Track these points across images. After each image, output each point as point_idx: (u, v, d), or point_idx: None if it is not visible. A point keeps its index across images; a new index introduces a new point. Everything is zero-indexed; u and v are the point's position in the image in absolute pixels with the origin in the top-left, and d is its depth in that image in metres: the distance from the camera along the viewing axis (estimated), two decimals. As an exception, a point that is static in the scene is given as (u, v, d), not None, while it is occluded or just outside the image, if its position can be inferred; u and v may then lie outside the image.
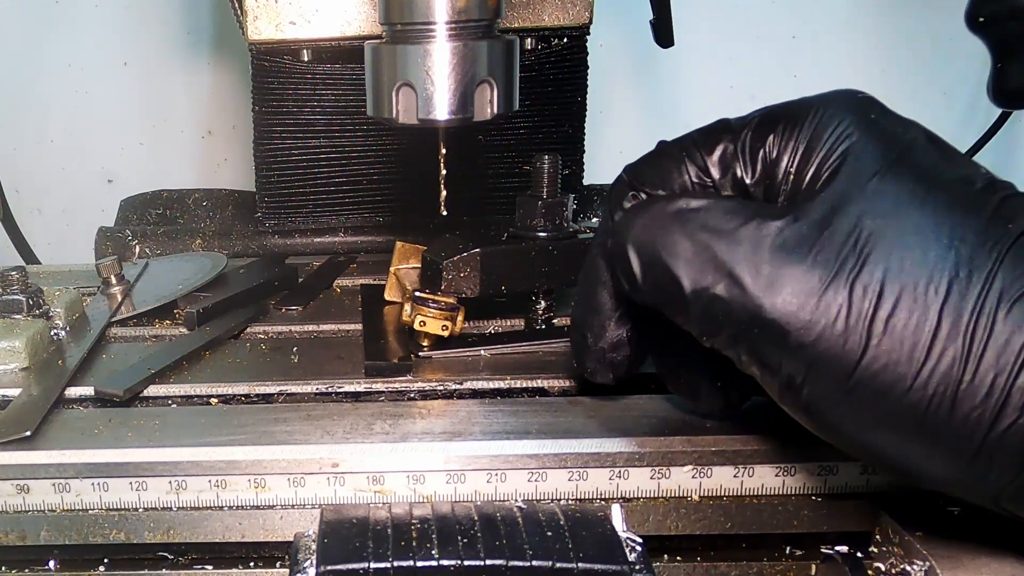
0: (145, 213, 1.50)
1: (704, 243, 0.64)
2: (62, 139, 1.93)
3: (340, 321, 1.06)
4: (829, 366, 0.61)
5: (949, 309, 0.58)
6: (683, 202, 0.66)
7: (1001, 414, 0.57)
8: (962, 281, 0.58)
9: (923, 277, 0.59)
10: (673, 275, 0.65)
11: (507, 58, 0.86)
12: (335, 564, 0.66)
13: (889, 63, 1.81)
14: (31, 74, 1.89)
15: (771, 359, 0.63)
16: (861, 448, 0.64)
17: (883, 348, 0.59)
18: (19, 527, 0.77)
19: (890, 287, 0.59)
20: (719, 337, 0.65)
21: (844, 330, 0.60)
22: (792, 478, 0.77)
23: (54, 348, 0.97)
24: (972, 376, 0.58)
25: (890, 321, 0.59)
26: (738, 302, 0.62)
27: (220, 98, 1.90)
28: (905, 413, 0.60)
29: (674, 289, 0.65)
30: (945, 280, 0.58)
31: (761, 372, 0.65)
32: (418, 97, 0.84)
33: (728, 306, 0.63)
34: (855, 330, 0.59)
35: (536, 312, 1.01)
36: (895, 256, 0.59)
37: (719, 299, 0.63)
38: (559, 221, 0.98)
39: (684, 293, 0.64)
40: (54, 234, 1.94)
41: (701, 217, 0.65)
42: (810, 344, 0.60)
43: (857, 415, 0.61)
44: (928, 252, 0.59)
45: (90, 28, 1.86)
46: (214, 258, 1.22)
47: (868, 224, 0.61)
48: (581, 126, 1.35)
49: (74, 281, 1.17)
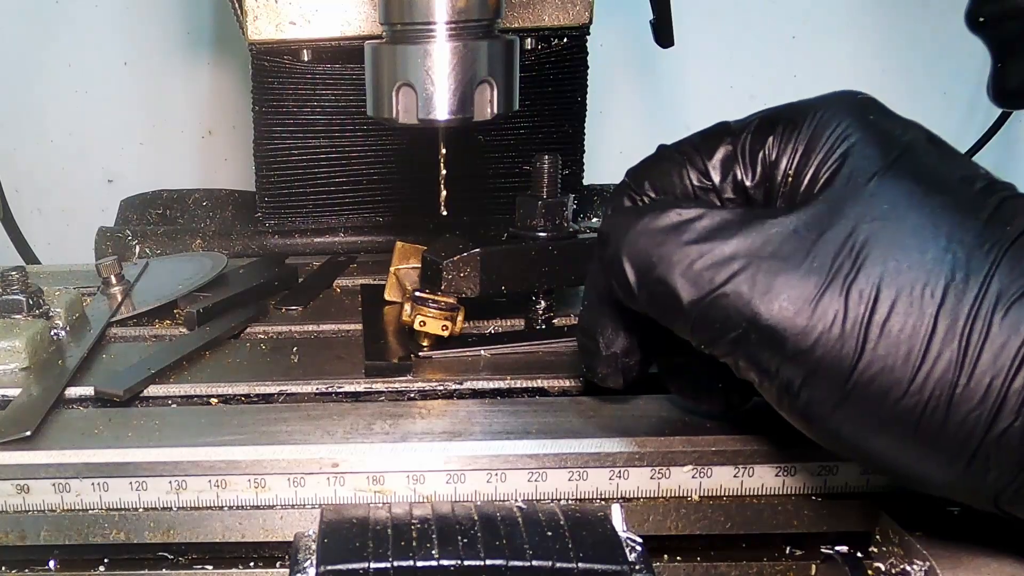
0: (145, 213, 1.50)
1: (699, 253, 0.64)
2: (62, 139, 1.94)
3: (340, 321, 1.06)
4: (826, 371, 0.60)
5: (945, 312, 0.58)
6: (675, 213, 0.66)
7: (998, 417, 0.57)
8: (959, 284, 0.58)
9: (920, 280, 0.59)
10: (669, 286, 0.65)
11: (507, 58, 0.86)
12: (335, 564, 0.66)
13: (889, 63, 1.81)
14: (31, 74, 1.89)
15: (768, 365, 0.63)
16: (859, 453, 0.64)
17: (879, 353, 0.59)
18: (19, 527, 0.77)
19: (886, 291, 0.59)
20: (717, 345, 0.65)
21: (840, 335, 0.60)
22: (792, 478, 0.77)
23: (54, 348, 0.97)
24: (968, 379, 0.58)
25: (886, 325, 0.59)
26: (734, 310, 0.62)
27: (220, 98, 1.90)
28: (902, 417, 0.59)
29: (671, 300, 0.65)
30: (942, 283, 0.58)
31: (759, 378, 0.64)
32: (418, 97, 0.84)
33: (725, 314, 0.63)
34: (851, 335, 0.59)
35: (536, 312, 1.00)
36: (892, 259, 0.59)
37: (716, 308, 0.63)
38: (559, 221, 0.98)
39: (681, 304, 0.64)
40: (54, 234, 1.94)
41: (695, 227, 0.65)
42: (807, 350, 0.60)
43: (854, 420, 0.61)
44: (925, 254, 0.59)
45: (90, 28, 1.87)
46: (214, 258, 1.22)
47: (865, 227, 0.61)
48: (581, 126, 1.35)
49: (74, 281, 1.17)
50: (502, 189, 1.33)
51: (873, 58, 1.81)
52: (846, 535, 0.77)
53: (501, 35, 0.85)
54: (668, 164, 0.73)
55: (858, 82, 0.72)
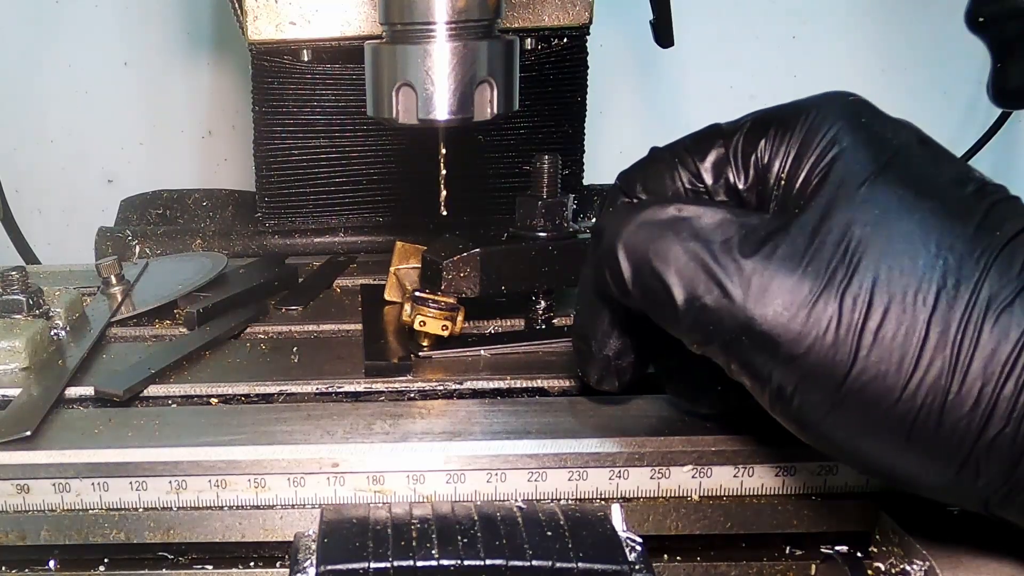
0: (145, 213, 1.50)
1: (695, 253, 0.64)
2: (62, 139, 1.94)
3: (340, 321, 1.06)
4: (819, 377, 0.60)
5: (937, 319, 0.58)
6: (674, 208, 0.66)
7: (988, 424, 0.58)
8: (950, 291, 0.58)
9: (911, 287, 0.59)
10: (664, 283, 0.65)
11: (507, 58, 0.86)
12: (335, 564, 0.66)
13: (889, 63, 1.81)
14: (31, 74, 1.89)
15: (761, 369, 0.63)
16: (852, 457, 0.64)
17: (872, 360, 0.59)
18: (19, 527, 0.77)
19: (879, 297, 0.59)
20: (710, 346, 0.65)
21: (834, 341, 0.60)
22: (792, 478, 0.77)
23: (54, 348, 0.97)
24: (960, 386, 0.58)
25: (879, 332, 0.59)
26: (727, 313, 0.62)
27: (220, 98, 1.90)
28: (894, 423, 0.60)
29: (665, 297, 0.65)
30: (933, 290, 0.58)
31: (751, 382, 0.64)
32: (418, 97, 0.84)
33: (718, 316, 0.63)
34: (845, 341, 0.59)
35: (536, 312, 1.00)
36: (884, 265, 0.59)
37: (709, 309, 0.63)
38: (559, 221, 0.98)
39: (675, 302, 0.64)
40: (54, 234, 1.94)
41: (693, 225, 0.65)
42: (800, 355, 0.60)
43: (847, 425, 0.61)
44: (916, 260, 0.59)
45: (90, 28, 1.87)
46: (214, 258, 1.22)
47: (857, 232, 0.60)
48: (581, 126, 1.35)
49: (74, 281, 1.17)
50: (502, 189, 1.33)
51: (873, 58, 1.81)
52: (846, 535, 0.77)
53: (501, 35, 0.85)
54: (660, 166, 0.73)
55: (858, 82, 0.72)
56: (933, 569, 0.69)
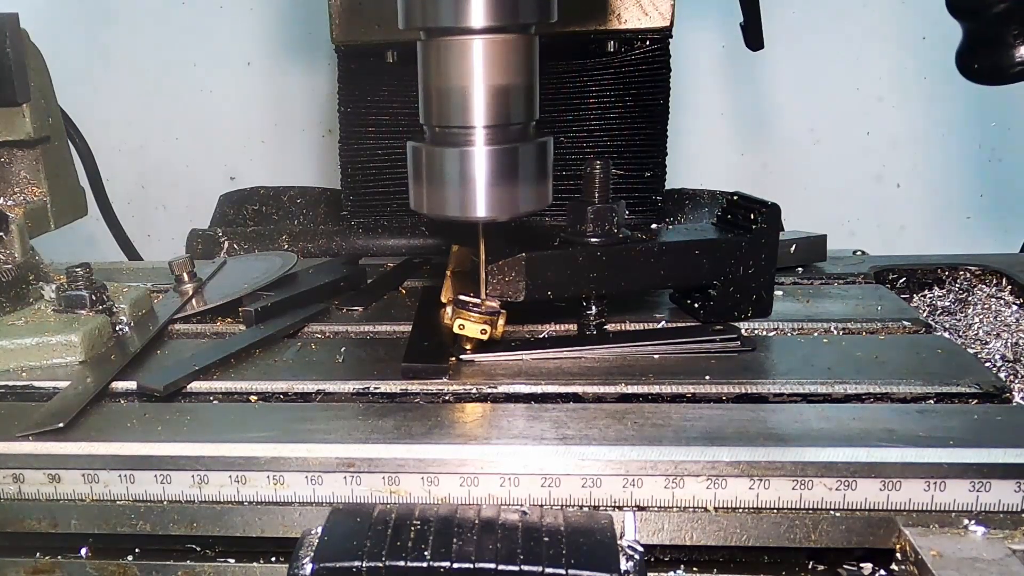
0: (241, 209, 1.54)
1: None
2: (187, 137, 2.00)
3: (397, 322, 1.07)
4: None
5: None
6: None
7: None
8: None
9: None
10: None
11: (540, 159, 0.87)
12: (331, 561, 0.68)
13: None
14: (158, 74, 1.96)
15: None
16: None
17: None
18: (51, 515, 0.80)
19: None
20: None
21: None
22: (810, 492, 0.75)
23: (113, 343, 1.00)
24: None
25: None
26: None
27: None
28: None
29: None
30: None
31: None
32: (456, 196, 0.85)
33: None
34: None
35: (588, 317, 1.00)
36: None
37: None
38: (608, 227, 0.97)
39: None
40: (177, 229, 2.00)
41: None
42: None
43: None
44: None
45: (215, 29, 1.93)
46: (285, 257, 1.25)
47: None
48: (663, 129, 1.33)
49: (154, 278, 1.21)
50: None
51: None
52: (870, 552, 0.75)
53: (534, 139, 0.86)
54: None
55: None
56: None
